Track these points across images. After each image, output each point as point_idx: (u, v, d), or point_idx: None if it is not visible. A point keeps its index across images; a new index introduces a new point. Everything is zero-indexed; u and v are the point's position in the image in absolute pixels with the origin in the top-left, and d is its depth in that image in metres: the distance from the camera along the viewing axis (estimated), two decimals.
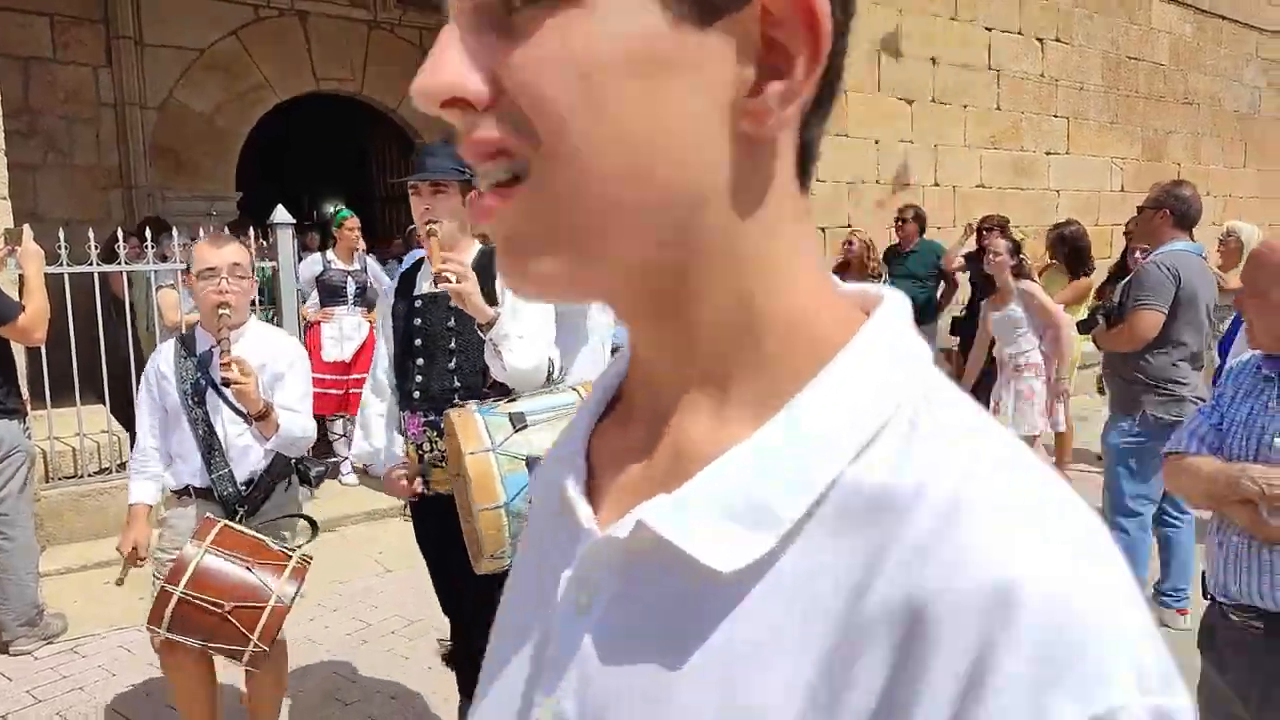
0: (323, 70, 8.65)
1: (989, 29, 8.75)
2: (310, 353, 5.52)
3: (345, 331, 5.76)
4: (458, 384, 2.43)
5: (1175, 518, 3.85)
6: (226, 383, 2.45)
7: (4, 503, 3.59)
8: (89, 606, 4.14)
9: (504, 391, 2.35)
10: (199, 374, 2.65)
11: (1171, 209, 3.64)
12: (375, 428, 2.68)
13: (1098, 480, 5.84)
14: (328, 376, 5.59)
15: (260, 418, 2.52)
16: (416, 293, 2.56)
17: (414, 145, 9.64)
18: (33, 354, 4.46)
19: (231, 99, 8.20)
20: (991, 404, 5.09)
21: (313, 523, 2.79)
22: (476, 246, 2.57)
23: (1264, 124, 12.58)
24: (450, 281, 2.18)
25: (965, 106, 8.63)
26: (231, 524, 2.49)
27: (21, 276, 3.84)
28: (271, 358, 2.67)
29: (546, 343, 2.40)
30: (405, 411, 2.54)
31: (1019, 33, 9.03)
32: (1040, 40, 9.24)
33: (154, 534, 2.76)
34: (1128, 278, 3.91)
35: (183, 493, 2.69)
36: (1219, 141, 11.79)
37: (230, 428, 2.63)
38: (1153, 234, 3.73)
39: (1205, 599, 1.99)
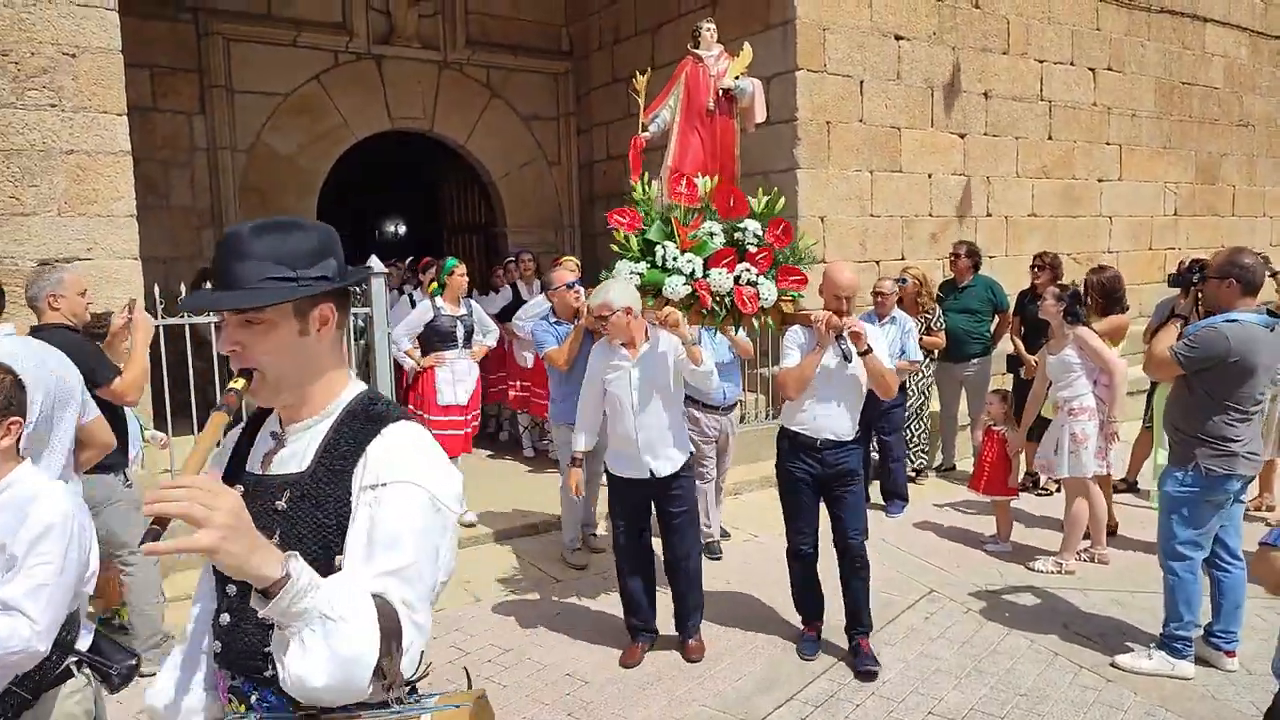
0: (396, 110, 9.11)
1: (1041, 61, 8.91)
2: (425, 397, 5.87)
3: (458, 374, 5.96)
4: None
5: (1228, 563, 4.02)
6: None
7: (114, 544, 3.99)
8: None
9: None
10: None
11: (1237, 278, 3.79)
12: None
13: (1140, 513, 6.02)
14: (445, 418, 5.87)
15: None
16: (247, 468, 1.56)
17: (477, 180, 10.06)
18: (156, 395, 4.91)
19: (313, 140, 8.69)
20: (1052, 444, 5.29)
21: None
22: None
23: None
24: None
25: (1017, 138, 8.80)
26: None
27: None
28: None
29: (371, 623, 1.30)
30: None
31: (1071, 64, 9.17)
32: (1092, 70, 9.37)
33: None
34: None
35: None
36: (1275, 162, 11.75)
37: None
38: (1221, 302, 3.85)
39: (1276, 677, 2.19)
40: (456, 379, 5.95)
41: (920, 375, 6.80)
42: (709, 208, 4.52)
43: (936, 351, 6.94)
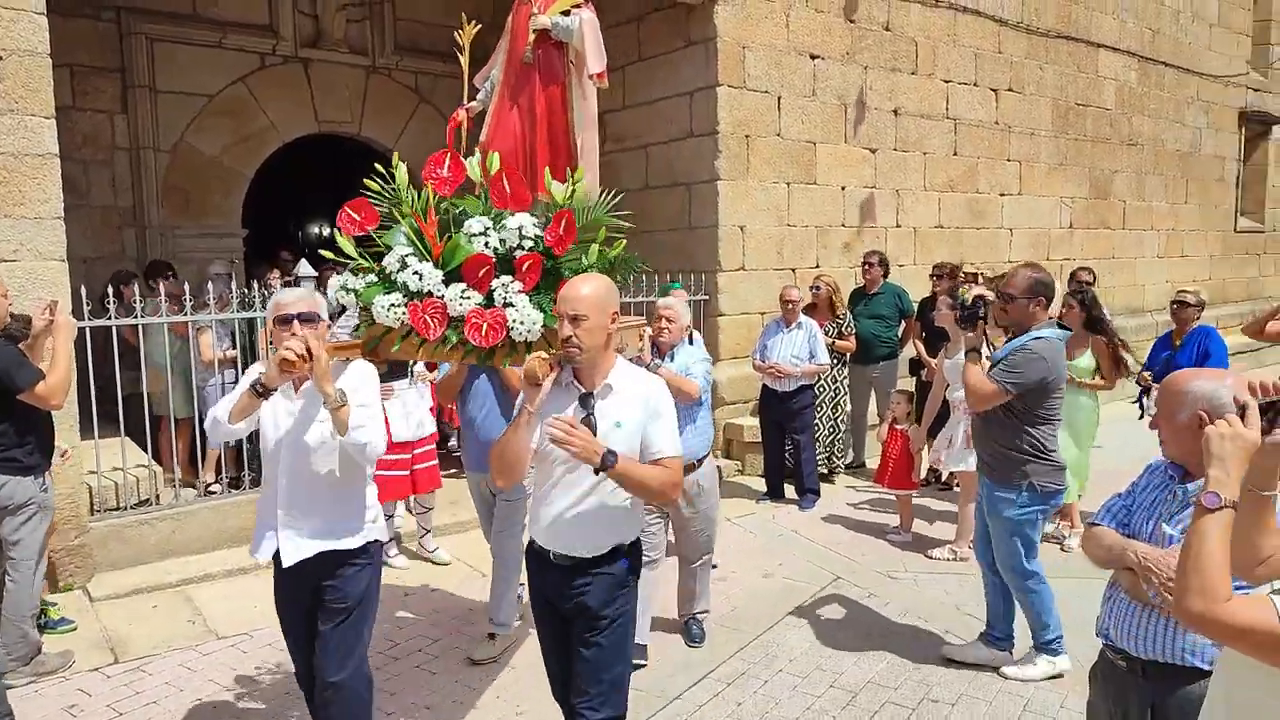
0: (324, 113, 9.15)
1: (946, 81, 9.44)
2: None
3: (408, 407, 5.37)
4: None
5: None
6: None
7: (15, 547, 4.00)
8: (139, 627, 4.63)
9: None
10: None
11: (1046, 296, 3.90)
12: None
13: None
14: (392, 457, 5.06)
15: None
16: None
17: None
18: (81, 394, 4.94)
19: (238, 141, 8.68)
20: (945, 440, 5.72)
21: None
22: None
23: (1204, 162, 13.44)
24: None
25: (924, 154, 9.31)
26: None
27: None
28: None
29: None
30: None
31: (974, 84, 9.73)
32: (994, 90, 9.96)
33: None
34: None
35: None
36: (1162, 180, 12.62)
37: None
38: (1032, 321, 3.92)
39: (1097, 637, 2.53)
40: (407, 411, 5.35)
41: (831, 377, 7.19)
42: (476, 197, 3.19)
43: (847, 355, 7.35)
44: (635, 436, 2.63)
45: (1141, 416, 5.86)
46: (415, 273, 2.87)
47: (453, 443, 7.68)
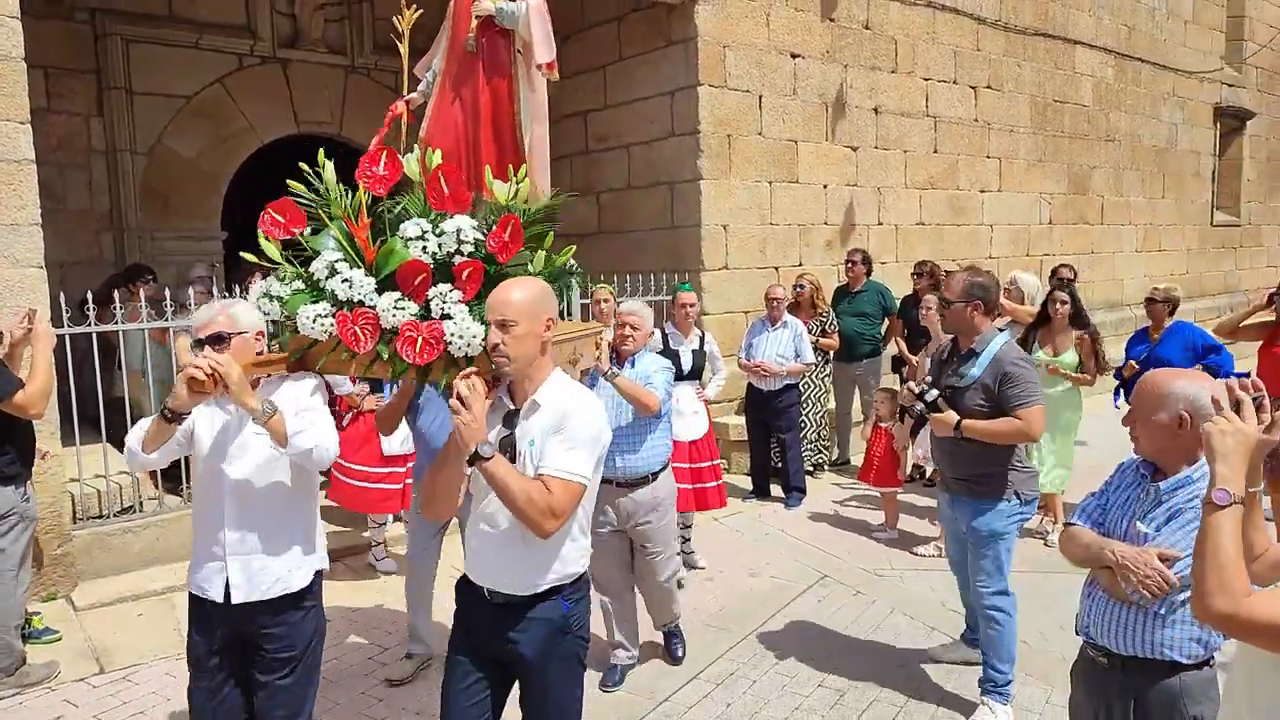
0: (303, 113, 9.07)
1: (926, 79, 9.49)
2: (361, 446, 5.20)
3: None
4: None
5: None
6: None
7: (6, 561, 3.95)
8: (124, 636, 4.59)
9: None
10: None
11: (984, 300, 3.75)
12: None
13: None
14: (386, 469, 5.21)
15: None
16: None
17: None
18: (62, 401, 4.89)
19: (217, 142, 8.60)
20: (929, 437, 5.75)
21: None
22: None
23: (1180, 157, 13.58)
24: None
25: (905, 151, 9.36)
26: None
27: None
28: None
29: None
30: None
31: (954, 82, 9.79)
32: (974, 88, 10.02)
33: None
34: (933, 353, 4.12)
35: None
36: (1139, 175, 12.74)
37: None
38: (970, 326, 3.77)
39: (1077, 634, 2.57)
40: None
41: (816, 375, 7.22)
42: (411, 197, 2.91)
43: (831, 353, 7.38)
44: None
45: (1118, 407, 5.94)
46: (345, 280, 2.58)
47: None
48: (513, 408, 2.42)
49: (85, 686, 4.07)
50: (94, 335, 5.42)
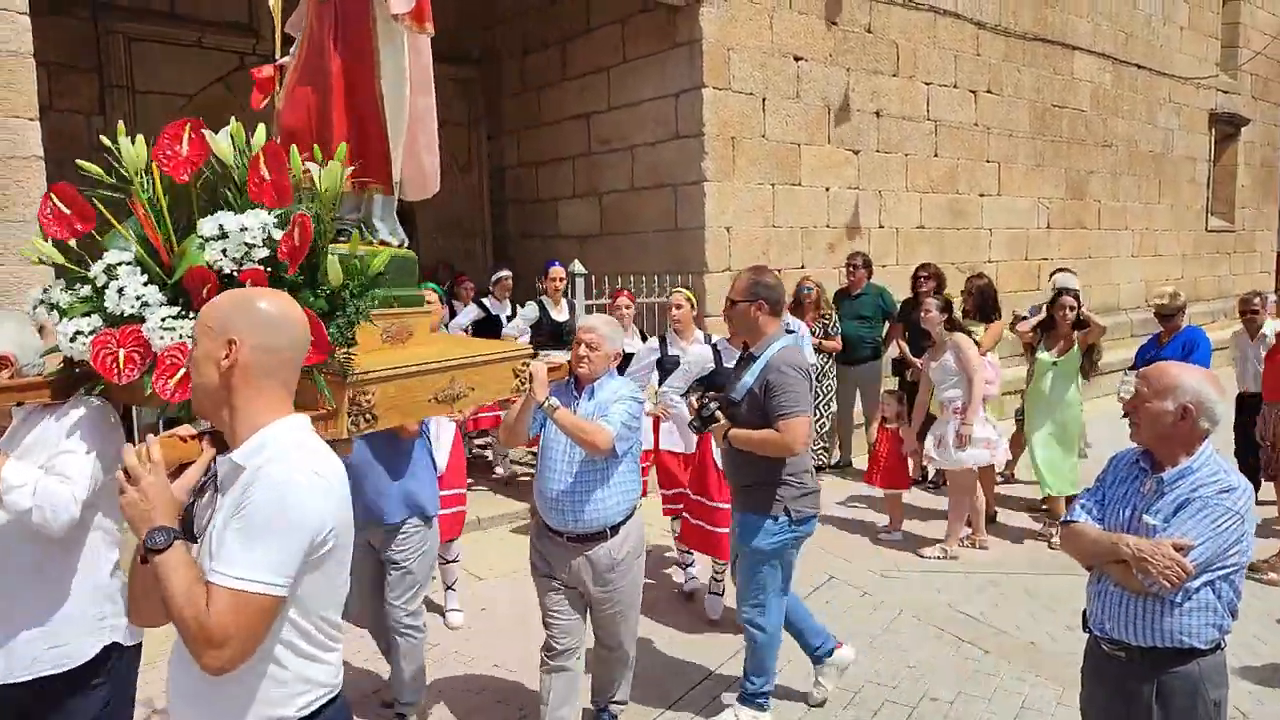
0: None
1: (927, 83, 9.53)
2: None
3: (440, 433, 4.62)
4: None
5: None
6: None
7: None
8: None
9: None
10: None
11: (768, 300, 3.57)
12: None
13: (1016, 502, 6.61)
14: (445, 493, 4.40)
15: None
16: None
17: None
18: None
19: None
20: (934, 440, 5.78)
21: None
22: None
23: (1176, 162, 13.67)
24: None
25: (906, 155, 9.39)
26: None
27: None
28: None
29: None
30: None
31: (954, 86, 9.83)
32: (974, 92, 10.06)
33: None
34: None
35: None
36: (1136, 180, 12.82)
37: None
38: (753, 327, 3.59)
39: (1085, 632, 2.58)
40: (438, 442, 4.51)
41: (817, 378, 7.23)
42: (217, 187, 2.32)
43: (833, 355, 7.40)
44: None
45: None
46: (119, 288, 2.05)
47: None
48: (232, 463, 1.64)
49: None
50: None
